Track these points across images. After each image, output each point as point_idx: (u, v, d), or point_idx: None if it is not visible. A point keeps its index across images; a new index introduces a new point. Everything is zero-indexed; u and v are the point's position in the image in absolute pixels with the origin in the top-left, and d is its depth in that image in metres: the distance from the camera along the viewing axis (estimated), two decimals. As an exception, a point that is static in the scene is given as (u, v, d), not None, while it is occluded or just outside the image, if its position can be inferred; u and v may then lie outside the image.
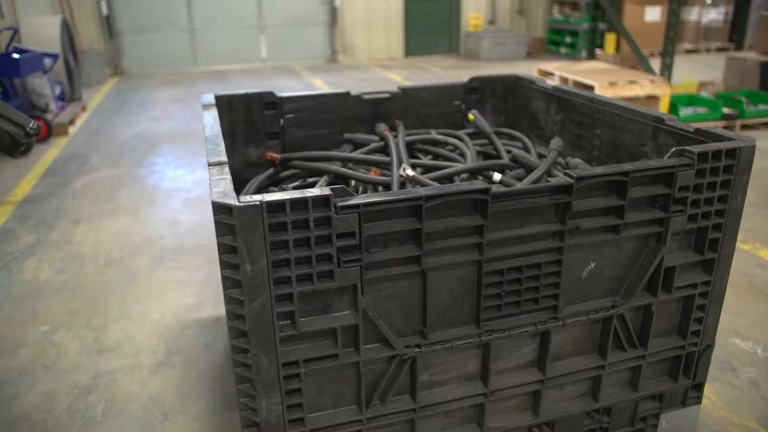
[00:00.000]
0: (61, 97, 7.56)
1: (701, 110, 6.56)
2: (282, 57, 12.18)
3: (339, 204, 1.35)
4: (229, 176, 1.46)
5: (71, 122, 7.05)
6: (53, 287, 3.32)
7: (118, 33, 11.26)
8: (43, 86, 6.84)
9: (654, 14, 11.81)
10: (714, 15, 12.86)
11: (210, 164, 1.58)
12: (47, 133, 6.48)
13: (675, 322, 1.91)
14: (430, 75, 10.47)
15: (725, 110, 6.57)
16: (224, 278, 1.37)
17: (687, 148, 1.68)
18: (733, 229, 1.81)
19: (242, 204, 1.29)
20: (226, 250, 1.34)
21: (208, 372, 2.55)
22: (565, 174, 1.55)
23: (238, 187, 2.53)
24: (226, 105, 2.54)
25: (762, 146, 6.02)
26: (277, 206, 1.32)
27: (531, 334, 1.70)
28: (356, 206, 1.36)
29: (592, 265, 1.71)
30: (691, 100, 6.80)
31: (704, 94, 7.09)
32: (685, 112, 6.51)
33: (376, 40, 12.60)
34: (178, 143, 6.33)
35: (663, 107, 6.31)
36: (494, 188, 1.46)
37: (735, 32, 13.05)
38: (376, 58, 12.62)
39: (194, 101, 8.42)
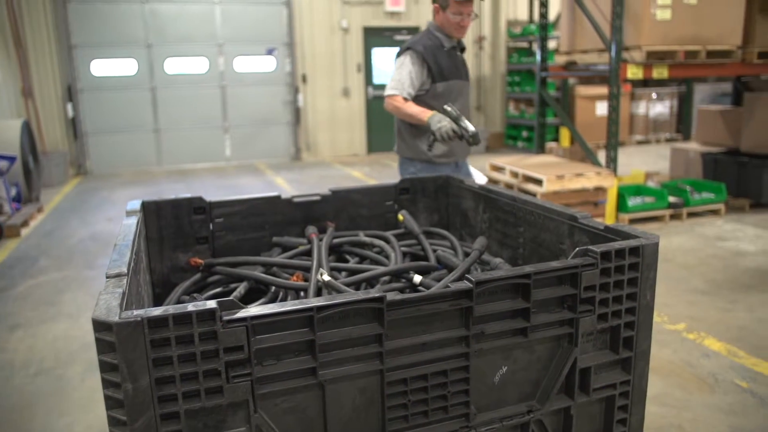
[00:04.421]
0: (17, 199, 7.52)
1: (649, 200, 6.76)
2: (246, 155, 12.37)
3: (225, 318, 1.32)
4: (121, 289, 1.43)
5: (24, 224, 6.97)
6: (-24, 401, 3.15)
7: (83, 134, 11.38)
8: (-3, 189, 6.82)
9: (604, 109, 12.39)
10: (660, 108, 13.58)
11: (108, 276, 1.55)
12: (-2, 236, 6.39)
13: (599, 425, 1.86)
14: (390, 171, 10.69)
15: (671, 199, 6.79)
16: (106, 398, 1.31)
17: (590, 247, 1.70)
18: (646, 326, 1.81)
19: (122, 321, 1.25)
20: (107, 368, 1.29)
21: (127, 492, 2.39)
22: (465, 278, 1.55)
23: (166, 292, 2.49)
24: (154, 211, 2.53)
25: (707, 233, 6.19)
26: (159, 321, 1.29)
27: (443, 445, 1.63)
28: (243, 319, 1.33)
29: (504, 370, 1.68)
30: (638, 191, 7.02)
31: (651, 184, 7.33)
32: (633, 201, 6.70)
33: (339, 138, 12.92)
34: (132, 243, 6.27)
35: (611, 198, 6.50)
36: (389, 296, 1.45)
37: (681, 124, 13.74)
38: (340, 155, 12.91)
39: (154, 200, 8.40)
